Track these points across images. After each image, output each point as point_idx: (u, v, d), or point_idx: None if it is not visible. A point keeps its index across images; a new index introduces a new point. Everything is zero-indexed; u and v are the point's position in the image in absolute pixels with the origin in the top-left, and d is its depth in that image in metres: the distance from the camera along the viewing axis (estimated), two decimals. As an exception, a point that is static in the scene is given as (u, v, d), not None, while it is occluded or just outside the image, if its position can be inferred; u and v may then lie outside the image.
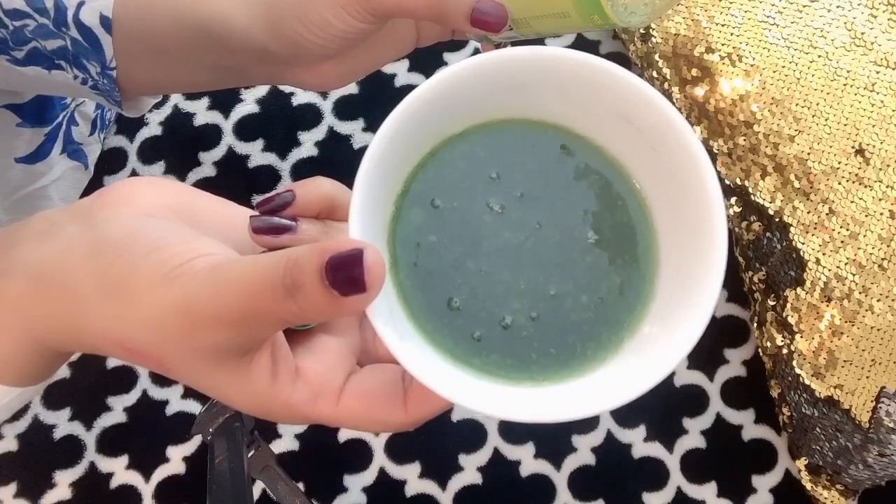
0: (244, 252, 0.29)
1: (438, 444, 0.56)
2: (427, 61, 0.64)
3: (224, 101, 0.64)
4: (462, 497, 0.55)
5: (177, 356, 0.27)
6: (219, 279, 0.26)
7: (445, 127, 0.30)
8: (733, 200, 0.56)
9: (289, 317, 0.25)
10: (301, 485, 0.54)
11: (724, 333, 0.58)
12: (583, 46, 0.65)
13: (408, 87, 0.64)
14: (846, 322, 0.51)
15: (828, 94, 0.53)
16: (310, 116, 0.64)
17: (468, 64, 0.28)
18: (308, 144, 0.63)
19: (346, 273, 0.24)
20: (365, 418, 0.29)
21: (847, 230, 0.51)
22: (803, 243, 0.52)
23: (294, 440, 0.56)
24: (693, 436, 0.56)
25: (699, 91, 0.56)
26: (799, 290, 0.52)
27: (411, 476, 0.55)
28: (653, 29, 0.58)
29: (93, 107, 0.59)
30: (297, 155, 0.63)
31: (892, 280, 0.50)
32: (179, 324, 0.26)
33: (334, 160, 0.63)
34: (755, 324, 0.56)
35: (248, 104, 0.64)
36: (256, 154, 0.63)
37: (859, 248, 0.51)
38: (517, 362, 0.29)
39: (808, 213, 0.52)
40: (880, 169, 0.51)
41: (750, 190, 0.54)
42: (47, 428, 0.57)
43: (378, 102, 0.64)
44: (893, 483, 0.53)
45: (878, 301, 0.50)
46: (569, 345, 0.29)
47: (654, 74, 0.58)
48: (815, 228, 0.52)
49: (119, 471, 0.56)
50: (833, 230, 0.51)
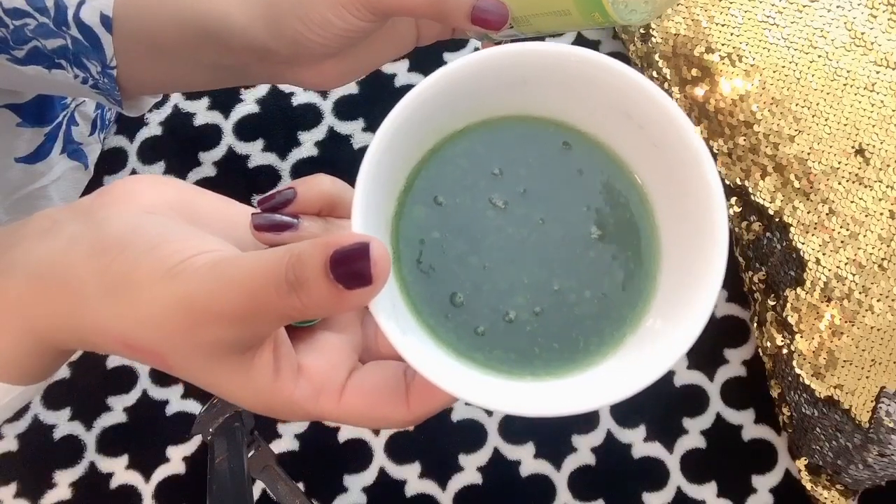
0: (245, 250, 0.28)
1: (438, 444, 0.56)
2: (427, 61, 0.64)
3: (224, 101, 0.64)
4: (462, 497, 0.55)
5: (179, 353, 0.27)
6: (220, 275, 0.26)
7: (447, 123, 0.30)
8: (733, 200, 0.56)
9: (292, 312, 0.25)
10: (301, 485, 0.54)
11: (724, 333, 0.58)
12: (583, 46, 0.65)
13: (408, 87, 0.63)
14: (846, 322, 0.51)
15: (828, 94, 0.53)
16: (310, 116, 0.64)
17: (469, 60, 0.28)
18: (308, 144, 0.63)
19: (351, 266, 0.24)
20: (367, 415, 0.29)
21: (847, 230, 0.51)
22: (803, 243, 0.52)
23: (294, 440, 0.56)
24: (693, 436, 0.56)
25: (699, 91, 0.56)
26: (799, 290, 0.52)
27: (411, 476, 0.55)
28: (653, 29, 0.58)
29: (93, 107, 0.59)
30: (298, 155, 0.63)
31: (892, 280, 0.50)
32: (181, 320, 0.26)
33: (334, 160, 0.62)
34: (755, 324, 0.56)
35: (248, 104, 0.64)
36: (256, 154, 0.63)
37: (859, 248, 0.51)
38: (520, 357, 0.29)
39: (808, 213, 0.52)
40: (880, 169, 0.51)
41: (750, 190, 0.54)
42: (47, 428, 0.56)
43: (378, 102, 0.64)
44: (893, 483, 0.52)
45: (878, 301, 0.50)
46: (572, 339, 0.29)
47: (654, 74, 0.58)
48: (815, 228, 0.52)
49: (119, 471, 0.56)
50: (833, 230, 0.51)
